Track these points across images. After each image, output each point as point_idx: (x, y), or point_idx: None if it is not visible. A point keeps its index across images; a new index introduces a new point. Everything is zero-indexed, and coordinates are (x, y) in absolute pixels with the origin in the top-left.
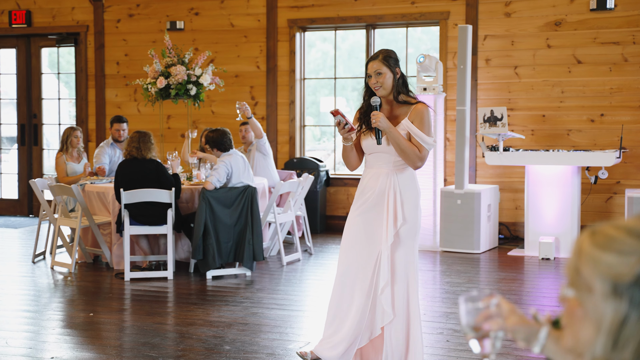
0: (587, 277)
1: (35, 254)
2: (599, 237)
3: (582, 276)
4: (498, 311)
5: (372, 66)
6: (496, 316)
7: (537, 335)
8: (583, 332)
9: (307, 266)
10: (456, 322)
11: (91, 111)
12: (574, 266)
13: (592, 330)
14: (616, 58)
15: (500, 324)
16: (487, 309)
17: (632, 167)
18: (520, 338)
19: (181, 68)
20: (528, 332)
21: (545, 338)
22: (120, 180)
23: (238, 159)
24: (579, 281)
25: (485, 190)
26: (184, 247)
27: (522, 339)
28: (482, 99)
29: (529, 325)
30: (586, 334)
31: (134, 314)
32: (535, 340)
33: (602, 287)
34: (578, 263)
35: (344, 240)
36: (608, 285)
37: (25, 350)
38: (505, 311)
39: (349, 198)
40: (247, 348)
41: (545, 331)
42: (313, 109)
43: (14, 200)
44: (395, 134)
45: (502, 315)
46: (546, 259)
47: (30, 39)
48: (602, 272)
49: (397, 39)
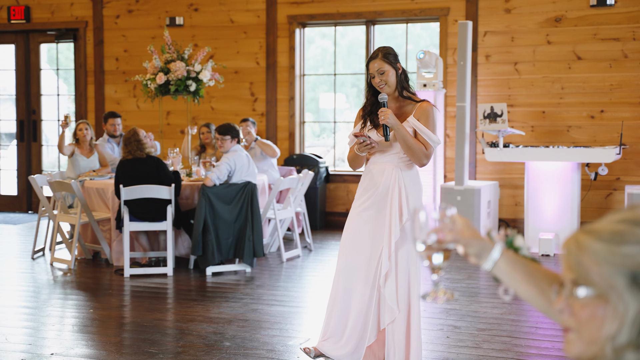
0: (603, 274)
1: (35, 250)
2: (603, 233)
3: (594, 274)
4: (452, 223)
5: (374, 66)
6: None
7: (490, 252)
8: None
9: (306, 262)
10: (456, 319)
11: (90, 107)
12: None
13: (616, 325)
14: (616, 54)
15: (453, 234)
16: (442, 221)
17: (632, 164)
18: (472, 253)
19: (181, 64)
20: (481, 247)
21: (498, 256)
22: (121, 176)
23: (242, 156)
24: (591, 279)
25: (485, 187)
26: (183, 243)
27: (474, 254)
28: (482, 95)
29: (483, 242)
30: (609, 330)
31: (134, 310)
32: (487, 257)
33: (623, 279)
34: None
35: (345, 236)
36: (628, 276)
37: (25, 347)
38: (460, 224)
39: (348, 194)
40: (247, 344)
41: (499, 249)
42: (312, 105)
43: (13, 196)
44: (402, 131)
45: (456, 228)
46: (546, 255)
47: (29, 34)
48: (619, 265)
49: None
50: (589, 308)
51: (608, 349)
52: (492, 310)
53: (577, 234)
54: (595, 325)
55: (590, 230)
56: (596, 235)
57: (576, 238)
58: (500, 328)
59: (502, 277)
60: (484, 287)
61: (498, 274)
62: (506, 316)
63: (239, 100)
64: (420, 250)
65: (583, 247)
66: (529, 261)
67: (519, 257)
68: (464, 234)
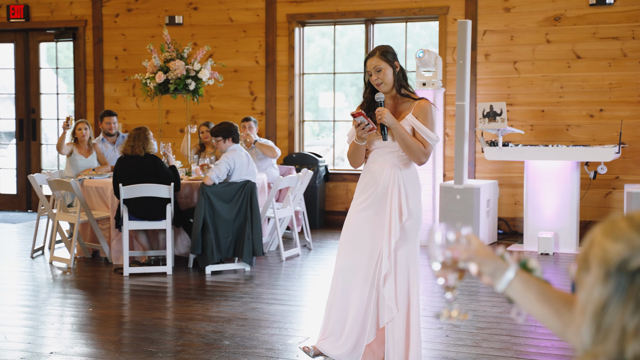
0: (592, 264)
1: (34, 249)
2: (606, 224)
3: (588, 264)
4: (468, 243)
5: (371, 63)
6: (465, 248)
7: (504, 272)
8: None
9: (306, 261)
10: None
11: (90, 106)
12: (584, 257)
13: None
14: (615, 53)
15: (468, 254)
16: (458, 241)
17: (631, 163)
18: (487, 272)
19: (180, 63)
20: (495, 267)
21: (513, 276)
22: (119, 175)
23: (242, 155)
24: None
25: (484, 186)
26: (183, 242)
27: (488, 274)
28: (481, 94)
29: (497, 262)
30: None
31: (133, 309)
32: (501, 277)
33: (597, 271)
34: (589, 254)
35: (345, 235)
36: (603, 270)
37: (24, 346)
38: (475, 244)
39: (348, 193)
40: (247, 343)
41: (513, 270)
42: (312, 104)
43: (12, 195)
44: (400, 130)
45: (471, 248)
46: (545, 254)
47: (28, 33)
48: (602, 257)
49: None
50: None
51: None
52: (491, 309)
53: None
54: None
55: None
56: (604, 228)
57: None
58: (500, 327)
59: (516, 297)
60: (483, 286)
61: (512, 294)
62: (505, 315)
63: (238, 99)
64: (436, 269)
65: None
66: (543, 282)
67: (532, 278)
68: (478, 254)
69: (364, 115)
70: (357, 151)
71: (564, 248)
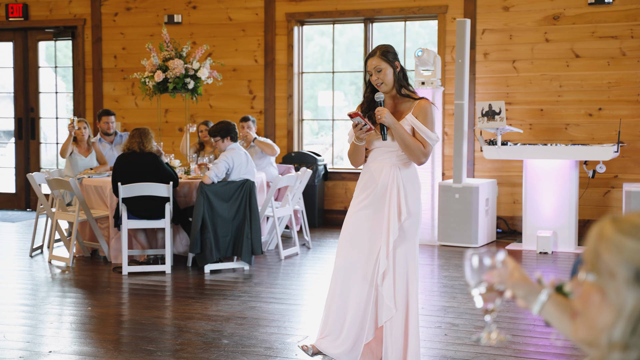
0: (610, 263)
1: (33, 248)
2: (625, 224)
3: (603, 262)
4: (503, 267)
5: (371, 63)
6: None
7: (537, 296)
8: (601, 318)
9: (305, 260)
10: (454, 316)
11: (89, 105)
12: (594, 251)
13: (611, 317)
14: (614, 52)
15: (502, 276)
16: (493, 265)
17: (629, 161)
18: (521, 295)
19: (179, 62)
20: (529, 291)
21: (545, 299)
22: (119, 174)
23: (241, 154)
24: (599, 267)
25: (483, 185)
26: (182, 241)
27: (522, 297)
28: (480, 93)
29: (531, 285)
30: (605, 320)
31: (132, 308)
32: (534, 301)
33: (626, 273)
34: (599, 248)
35: (344, 234)
36: (632, 271)
37: (23, 344)
38: (510, 268)
39: (347, 192)
40: (245, 342)
41: (547, 293)
42: (311, 103)
43: (11, 194)
44: (400, 130)
45: (506, 272)
46: (544, 253)
47: (27, 32)
48: (627, 258)
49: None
50: (595, 295)
51: (604, 340)
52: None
53: (606, 220)
54: (597, 312)
55: (617, 219)
56: (618, 225)
57: (603, 224)
58: (498, 326)
59: (550, 319)
60: None
61: (546, 316)
62: (504, 314)
63: (237, 98)
64: (474, 294)
65: (604, 233)
66: None
67: (566, 300)
68: (513, 277)
69: (360, 116)
70: (356, 151)
71: (563, 247)
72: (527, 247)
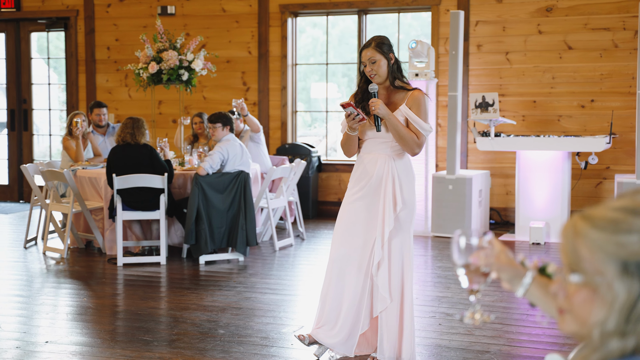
0: (595, 262)
1: (27, 239)
2: (598, 220)
3: (587, 261)
4: (490, 248)
5: (366, 54)
6: (487, 252)
7: (522, 279)
8: (594, 314)
9: (299, 251)
10: (448, 306)
11: (82, 96)
12: (574, 252)
13: (604, 311)
14: (607, 44)
15: (488, 259)
16: (480, 246)
17: (621, 153)
18: (505, 278)
19: (173, 53)
20: (514, 274)
21: (529, 282)
22: (113, 165)
23: (236, 145)
24: (583, 266)
25: (476, 176)
26: (176, 232)
27: (507, 280)
28: (473, 85)
29: (516, 268)
30: (598, 315)
31: (127, 298)
32: (519, 284)
33: (614, 268)
34: (578, 248)
35: (339, 225)
36: (619, 265)
37: (19, 335)
38: (497, 250)
39: (340, 184)
40: (241, 332)
41: (530, 276)
42: (304, 94)
43: (4, 185)
44: (394, 121)
45: (492, 253)
46: (537, 244)
47: (19, 23)
48: (611, 253)
49: (388, 25)
50: (581, 293)
51: (596, 333)
52: (483, 298)
53: (576, 219)
54: (586, 309)
55: (588, 216)
56: (593, 222)
57: (574, 223)
58: (488, 309)
59: (535, 301)
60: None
61: (531, 299)
62: (497, 303)
63: (231, 89)
64: (460, 274)
65: (579, 233)
66: None
67: (550, 282)
68: (499, 260)
69: (352, 106)
70: (349, 141)
71: (555, 238)
72: (520, 238)
